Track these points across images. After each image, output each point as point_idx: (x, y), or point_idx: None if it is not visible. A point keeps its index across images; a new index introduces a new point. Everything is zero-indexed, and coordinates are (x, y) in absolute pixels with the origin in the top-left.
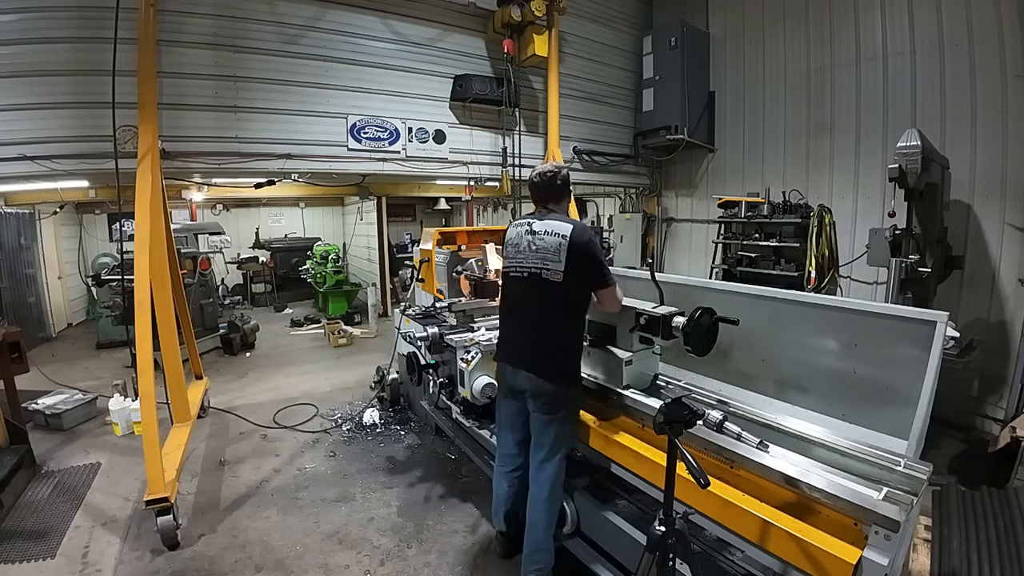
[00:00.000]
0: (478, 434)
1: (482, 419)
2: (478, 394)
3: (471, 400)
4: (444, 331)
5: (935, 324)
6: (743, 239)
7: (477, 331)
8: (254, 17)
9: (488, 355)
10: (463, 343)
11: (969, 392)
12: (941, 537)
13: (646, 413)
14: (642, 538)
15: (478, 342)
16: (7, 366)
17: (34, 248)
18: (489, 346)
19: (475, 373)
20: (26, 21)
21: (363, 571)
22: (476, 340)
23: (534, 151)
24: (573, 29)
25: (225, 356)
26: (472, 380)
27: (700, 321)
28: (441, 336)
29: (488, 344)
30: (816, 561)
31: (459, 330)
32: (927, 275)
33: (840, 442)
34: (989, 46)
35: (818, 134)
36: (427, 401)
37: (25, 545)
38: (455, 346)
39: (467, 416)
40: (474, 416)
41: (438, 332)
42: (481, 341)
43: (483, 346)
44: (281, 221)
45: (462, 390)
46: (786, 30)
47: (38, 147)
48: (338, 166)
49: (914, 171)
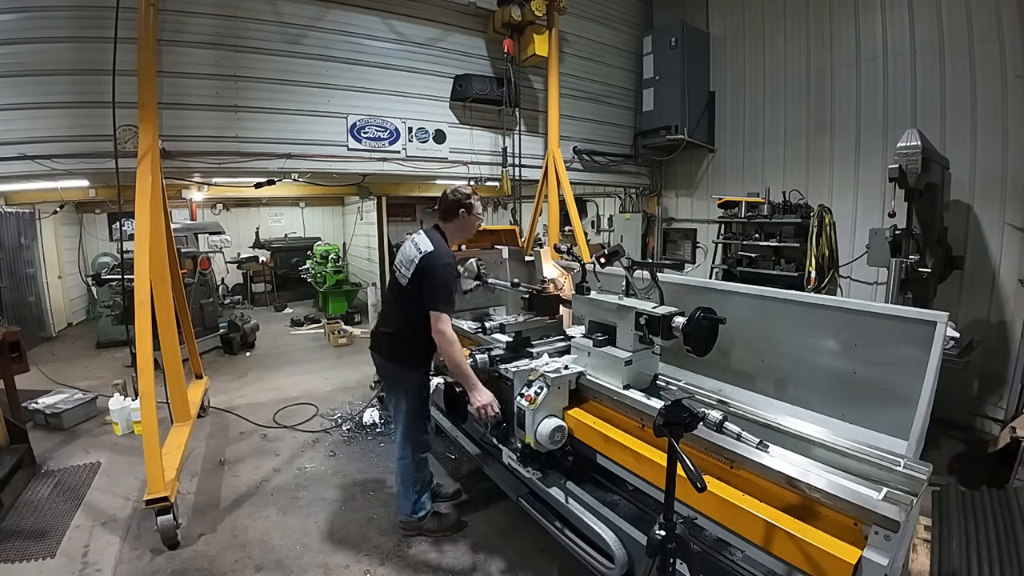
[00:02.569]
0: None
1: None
2: (544, 440)
3: (534, 447)
4: (496, 356)
5: (935, 324)
6: (743, 239)
7: (539, 358)
8: (255, 17)
9: (556, 390)
10: (523, 374)
11: (969, 392)
12: (941, 537)
13: (646, 413)
14: (642, 538)
15: (543, 374)
16: (7, 365)
17: (34, 247)
18: (559, 378)
19: (540, 413)
20: (26, 21)
21: (363, 571)
22: (541, 371)
23: (534, 151)
24: (573, 29)
25: (225, 356)
26: (537, 422)
27: (700, 321)
28: (493, 362)
29: (557, 376)
30: (816, 561)
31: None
32: (927, 275)
33: (840, 442)
34: (989, 46)
35: (818, 134)
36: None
37: (25, 544)
38: (513, 377)
39: (525, 464)
40: (536, 464)
41: (488, 359)
42: (547, 372)
43: (550, 379)
44: (281, 221)
45: (521, 433)
46: (786, 30)
47: (38, 147)
48: (338, 166)
49: (914, 171)
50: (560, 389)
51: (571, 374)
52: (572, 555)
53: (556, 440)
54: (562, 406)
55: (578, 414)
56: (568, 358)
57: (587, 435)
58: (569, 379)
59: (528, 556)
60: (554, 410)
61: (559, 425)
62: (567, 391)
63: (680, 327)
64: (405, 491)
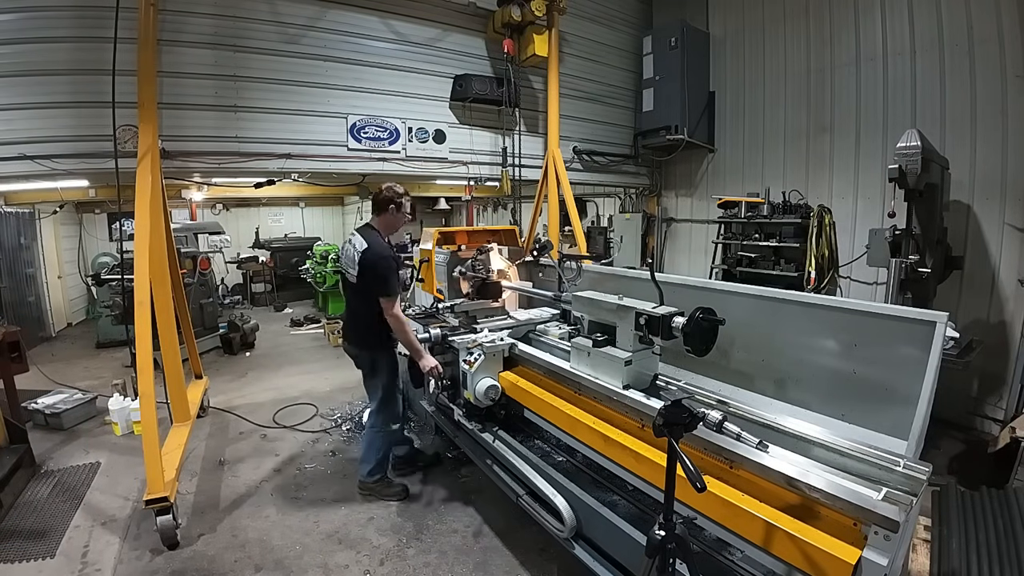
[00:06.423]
0: (480, 437)
1: (485, 422)
2: (481, 396)
3: (474, 402)
4: (447, 332)
5: (935, 324)
6: (743, 239)
7: (480, 332)
8: (255, 17)
9: (491, 356)
10: (466, 344)
11: (969, 392)
12: (940, 537)
13: (646, 413)
14: (642, 538)
15: (481, 344)
16: (7, 365)
17: (34, 247)
18: (493, 347)
19: (478, 375)
20: (26, 21)
21: (362, 571)
22: (479, 342)
23: (534, 151)
24: (573, 29)
25: (225, 356)
26: (475, 382)
27: (700, 321)
28: (444, 337)
29: (492, 345)
30: (815, 561)
31: (461, 331)
32: (927, 275)
33: (840, 442)
34: (989, 46)
35: (818, 134)
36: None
37: (25, 544)
38: (458, 347)
39: (469, 419)
40: (476, 419)
41: (440, 333)
42: (484, 343)
43: (486, 348)
44: (281, 221)
45: (465, 392)
46: (786, 30)
47: (38, 146)
48: (338, 166)
49: (914, 171)
50: (495, 356)
51: (504, 344)
52: (572, 555)
53: (491, 396)
54: (497, 370)
55: (510, 376)
56: (505, 332)
57: (518, 394)
58: (503, 348)
59: (528, 556)
60: (490, 373)
61: (492, 384)
62: (501, 358)
63: (680, 327)
64: (367, 455)
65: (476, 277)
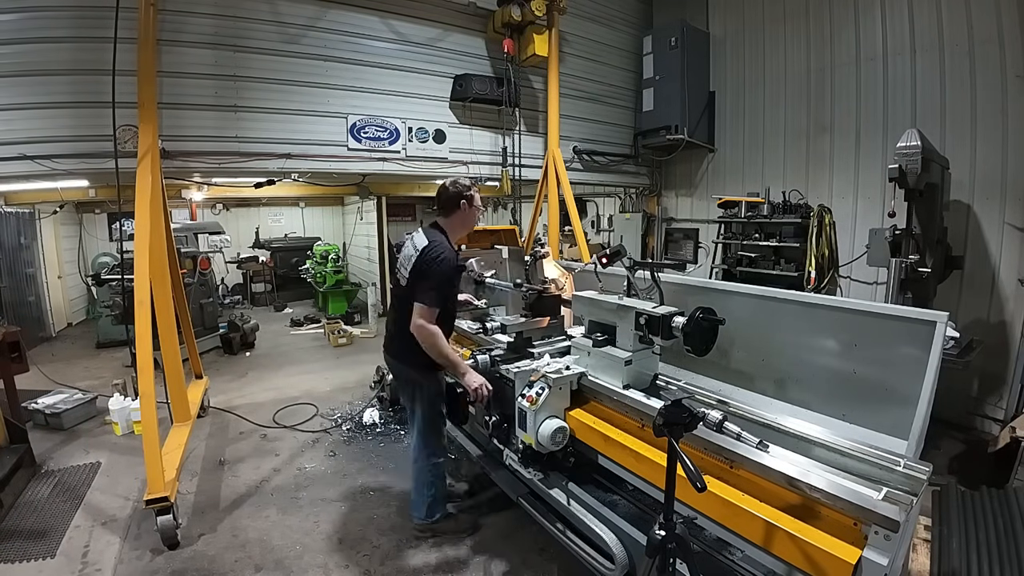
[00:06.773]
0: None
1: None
2: (546, 441)
3: (535, 448)
4: (496, 358)
5: (935, 324)
6: (743, 239)
7: (540, 359)
8: (255, 17)
9: (557, 390)
10: (524, 374)
11: (969, 392)
12: (941, 537)
13: (646, 413)
14: (642, 538)
15: (544, 375)
16: (7, 365)
17: (34, 247)
18: (560, 379)
19: (541, 414)
20: (26, 21)
21: (363, 571)
22: (542, 371)
23: (534, 151)
24: (573, 29)
25: (225, 356)
26: (538, 423)
27: (700, 321)
28: (494, 362)
29: (559, 376)
30: (816, 561)
31: (511, 356)
32: (927, 275)
33: (840, 442)
34: (989, 46)
35: (818, 134)
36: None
37: (25, 544)
38: (514, 378)
39: (527, 466)
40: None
41: (489, 359)
42: (548, 373)
43: (552, 379)
44: (281, 221)
45: (522, 434)
46: (786, 30)
47: (38, 147)
48: (338, 166)
49: (914, 171)
50: (561, 390)
51: (572, 375)
52: (572, 555)
53: (558, 441)
54: (564, 407)
55: (580, 415)
56: (569, 359)
57: (589, 436)
58: (571, 380)
59: (528, 556)
60: (555, 411)
61: (561, 426)
62: (568, 392)
63: (680, 327)
64: (418, 494)
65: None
